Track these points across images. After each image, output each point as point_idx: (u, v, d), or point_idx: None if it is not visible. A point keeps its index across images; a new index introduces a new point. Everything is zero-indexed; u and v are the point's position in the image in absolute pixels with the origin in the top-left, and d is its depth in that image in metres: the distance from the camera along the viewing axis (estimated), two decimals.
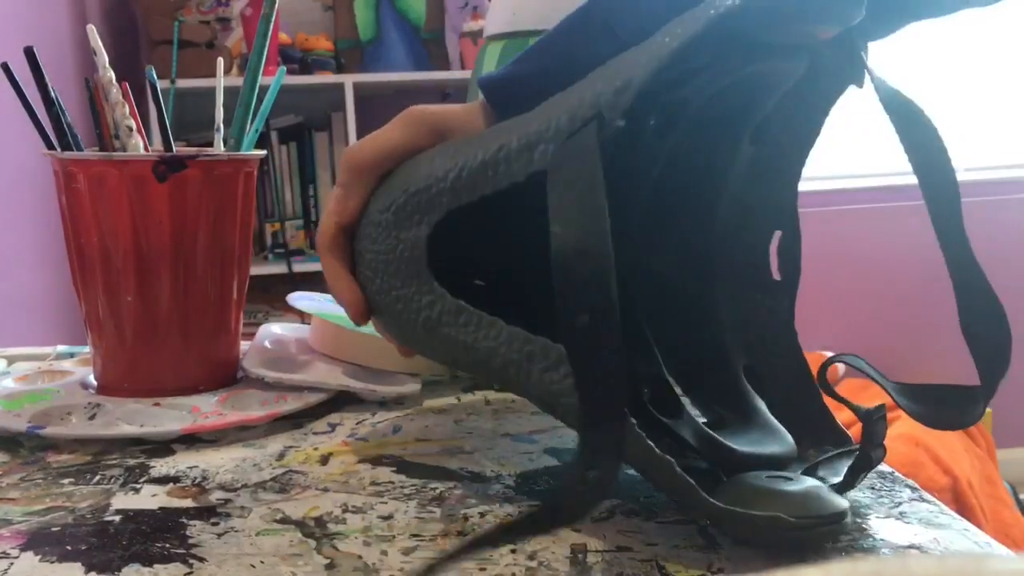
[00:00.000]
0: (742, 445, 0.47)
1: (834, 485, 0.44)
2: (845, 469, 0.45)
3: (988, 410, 1.98)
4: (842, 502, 0.41)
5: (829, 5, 0.41)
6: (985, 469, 2.22)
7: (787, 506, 0.40)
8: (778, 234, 0.52)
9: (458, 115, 0.52)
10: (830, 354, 2.18)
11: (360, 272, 0.52)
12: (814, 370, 0.49)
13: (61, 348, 0.78)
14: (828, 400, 0.50)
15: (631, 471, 0.51)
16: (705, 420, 0.51)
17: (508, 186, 0.45)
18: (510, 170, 0.45)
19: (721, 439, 0.46)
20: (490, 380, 0.47)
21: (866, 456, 0.44)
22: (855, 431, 1.24)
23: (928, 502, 0.47)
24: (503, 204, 0.47)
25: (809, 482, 0.42)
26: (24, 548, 0.43)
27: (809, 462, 0.47)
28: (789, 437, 0.48)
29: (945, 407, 0.45)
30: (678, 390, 0.52)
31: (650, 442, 0.41)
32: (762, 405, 0.51)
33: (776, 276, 0.52)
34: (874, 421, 0.44)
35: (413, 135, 0.51)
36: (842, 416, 1.70)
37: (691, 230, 0.53)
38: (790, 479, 0.42)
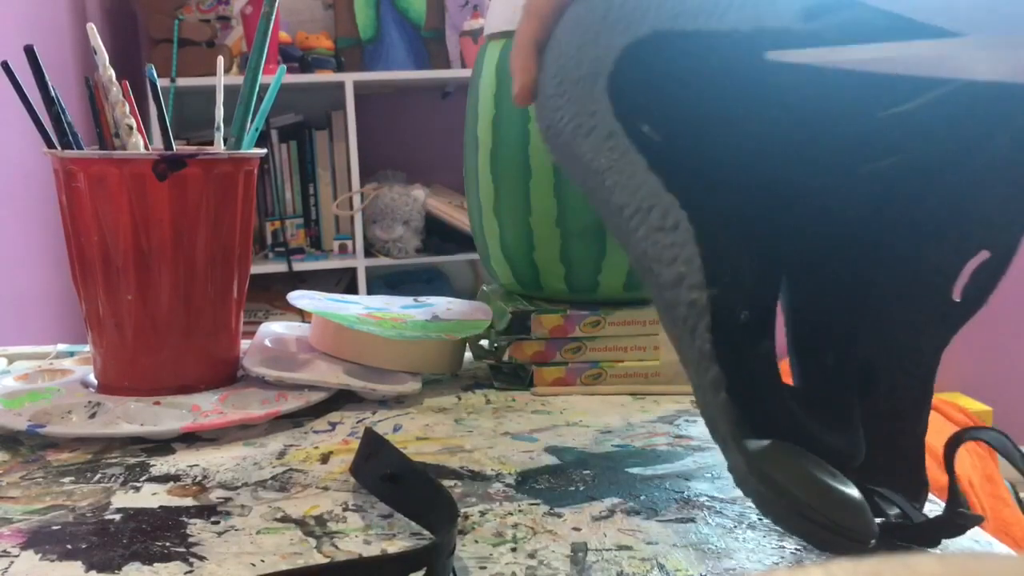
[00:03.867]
0: (817, 420, 0.45)
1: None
2: (895, 508, 0.43)
3: (988, 409, 1.98)
4: (875, 527, 0.39)
5: None
6: (986, 468, 2.22)
7: (831, 504, 0.38)
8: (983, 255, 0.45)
9: None
10: None
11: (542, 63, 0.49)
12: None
13: (61, 347, 0.78)
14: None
15: (631, 470, 0.51)
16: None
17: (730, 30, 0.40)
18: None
19: (800, 411, 0.44)
20: (599, 212, 0.45)
21: (951, 521, 0.41)
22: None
23: (929, 501, 0.47)
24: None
25: (856, 491, 0.40)
26: (24, 547, 0.43)
27: (868, 484, 0.44)
28: (863, 441, 0.46)
29: None
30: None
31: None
32: (853, 398, 0.47)
33: (957, 297, 0.46)
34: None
35: None
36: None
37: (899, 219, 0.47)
38: (843, 479, 0.40)
